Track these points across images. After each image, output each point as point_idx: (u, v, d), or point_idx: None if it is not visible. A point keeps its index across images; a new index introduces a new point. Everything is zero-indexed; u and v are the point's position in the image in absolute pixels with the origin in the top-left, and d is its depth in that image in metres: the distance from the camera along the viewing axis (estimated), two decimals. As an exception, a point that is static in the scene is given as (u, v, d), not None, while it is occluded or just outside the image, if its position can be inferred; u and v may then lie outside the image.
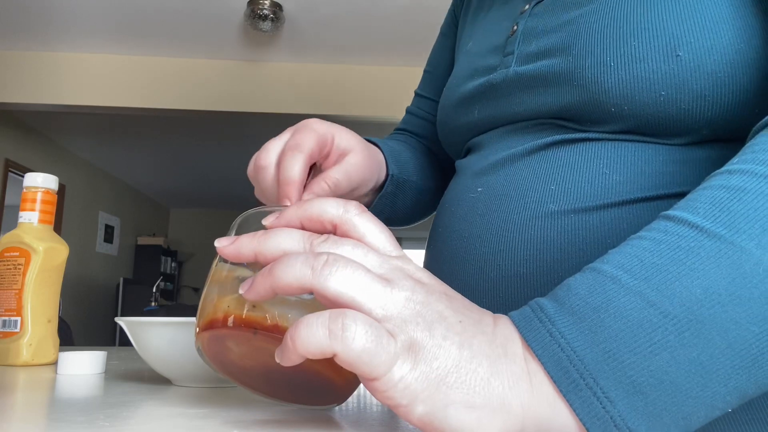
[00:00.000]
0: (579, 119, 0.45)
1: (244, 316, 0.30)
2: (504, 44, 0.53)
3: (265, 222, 0.32)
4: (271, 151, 0.46)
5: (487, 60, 0.54)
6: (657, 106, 0.41)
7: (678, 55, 0.40)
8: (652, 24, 0.41)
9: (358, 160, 0.50)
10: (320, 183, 0.46)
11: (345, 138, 0.50)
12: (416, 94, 0.76)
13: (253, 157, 0.48)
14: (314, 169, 0.50)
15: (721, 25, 0.39)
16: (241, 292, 0.29)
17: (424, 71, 0.75)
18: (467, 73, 0.56)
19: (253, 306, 0.30)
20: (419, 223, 0.70)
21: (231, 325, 0.30)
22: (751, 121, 0.38)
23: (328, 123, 0.49)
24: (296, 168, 0.43)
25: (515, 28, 0.52)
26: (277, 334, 0.29)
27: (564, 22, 0.46)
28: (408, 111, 0.76)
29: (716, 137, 0.41)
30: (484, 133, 0.54)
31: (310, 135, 0.45)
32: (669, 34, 0.40)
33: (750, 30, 0.39)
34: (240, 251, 0.30)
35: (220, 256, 0.33)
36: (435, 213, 0.60)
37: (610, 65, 0.42)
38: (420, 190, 0.64)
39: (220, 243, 0.31)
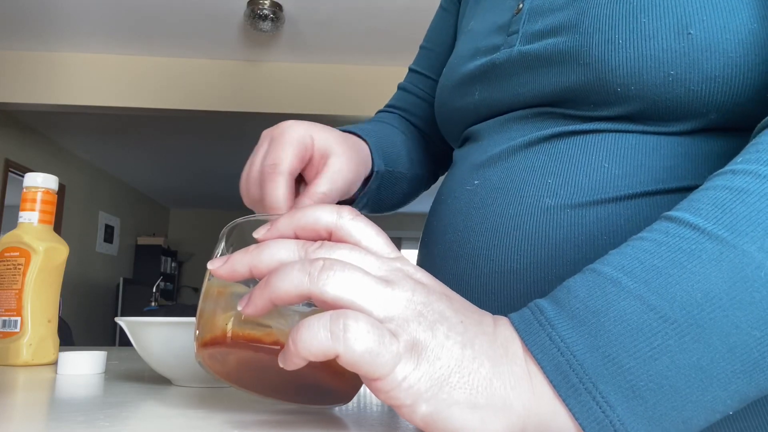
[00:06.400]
0: (582, 102, 0.44)
1: (243, 333, 0.29)
2: (508, 23, 0.51)
3: (256, 235, 0.31)
4: (254, 168, 0.45)
5: (490, 39, 0.52)
6: (665, 86, 0.39)
7: (689, 33, 0.38)
8: (663, 0, 0.40)
9: (342, 163, 0.47)
10: (306, 201, 0.44)
11: (324, 137, 0.47)
12: (410, 69, 0.72)
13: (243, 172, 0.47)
14: (300, 180, 0.48)
15: (735, 4, 0.38)
16: (239, 308, 0.28)
17: (421, 47, 0.72)
18: (469, 52, 0.54)
19: (252, 321, 0.29)
20: (417, 221, 0.69)
21: (231, 342, 0.30)
22: (759, 108, 0.37)
23: (305, 124, 0.47)
24: (279, 193, 0.42)
25: (521, 6, 0.50)
26: (278, 348, 0.29)
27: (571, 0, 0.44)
28: (400, 87, 0.72)
29: (722, 125, 0.40)
30: (483, 121, 0.53)
31: (288, 149, 0.44)
32: (681, 12, 0.39)
33: (764, 10, 0.38)
34: (234, 269, 0.29)
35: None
36: (431, 206, 0.58)
37: (618, 42, 0.40)
38: (407, 179, 0.62)
39: (212, 265, 0.30)
